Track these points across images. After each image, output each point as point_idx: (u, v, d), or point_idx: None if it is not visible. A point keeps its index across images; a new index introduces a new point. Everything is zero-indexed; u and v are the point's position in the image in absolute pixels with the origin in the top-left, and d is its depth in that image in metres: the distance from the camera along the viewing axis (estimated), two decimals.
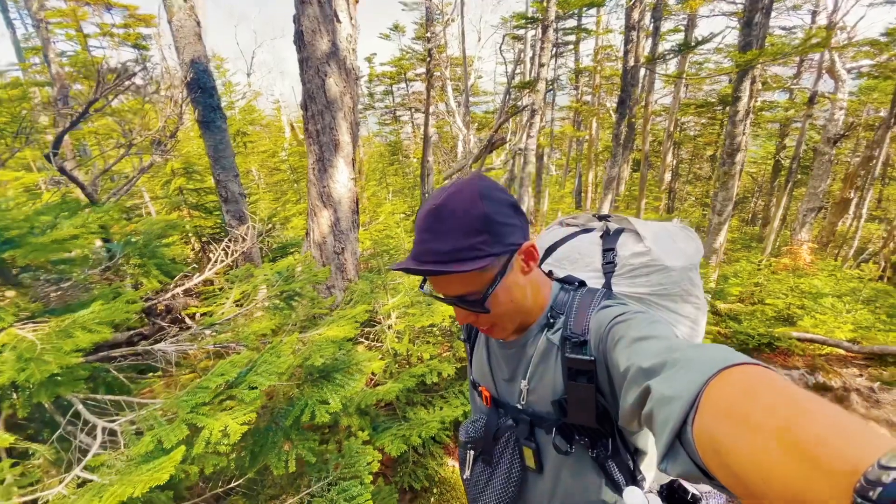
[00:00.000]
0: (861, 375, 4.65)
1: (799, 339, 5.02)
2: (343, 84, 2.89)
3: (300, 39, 2.82)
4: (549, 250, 1.05)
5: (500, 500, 0.87)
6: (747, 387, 0.40)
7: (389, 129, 18.43)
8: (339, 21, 2.79)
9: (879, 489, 0.25)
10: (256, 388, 1.50)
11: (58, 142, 1.87)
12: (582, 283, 0.86)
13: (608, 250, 0.96)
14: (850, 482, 0.27)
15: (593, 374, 0.70)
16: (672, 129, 13.24)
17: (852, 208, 10.62)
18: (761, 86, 10.87)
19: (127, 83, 1.81)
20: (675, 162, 17.22)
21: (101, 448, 1.35)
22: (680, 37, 11.99)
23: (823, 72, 9.27)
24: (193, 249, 5.09)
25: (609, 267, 0.95)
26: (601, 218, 1.07)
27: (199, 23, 3.06)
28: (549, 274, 0.91)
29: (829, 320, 5.39)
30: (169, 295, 2.78)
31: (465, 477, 0.96)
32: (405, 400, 2.67)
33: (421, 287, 0.82)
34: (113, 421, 1.44)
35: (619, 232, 1.00)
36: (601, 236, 1.01)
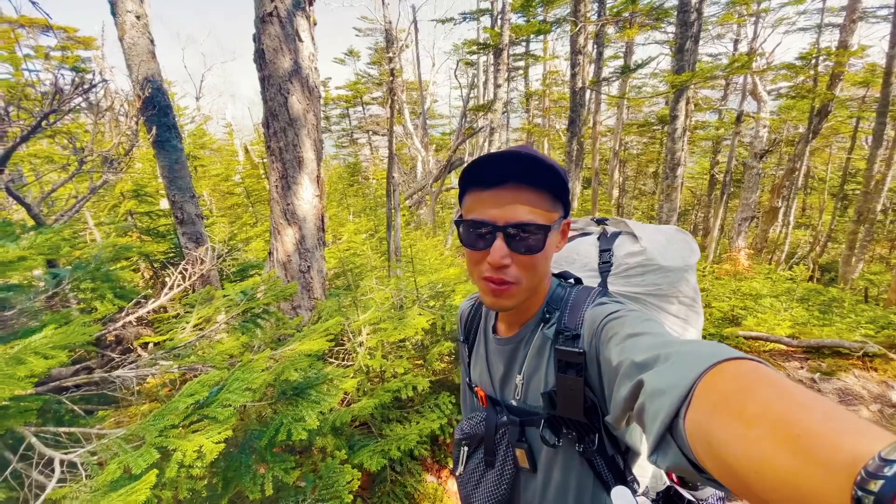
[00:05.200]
0: (802, 368, 5.01)
1: (745, 338, 5.36)
2: (306, 102, 2.90)
3: (261, 58, 2.81)
4: None
5: (492, 498, 0.87)
6: (742, 381, 0.40)
7: (346, 151, 18.40)
8: (301, 40, 2.82)
9: (881, 482, 0.24)
10: (230, 405, 1.44)
11: (4, 160, 1.75)
12: (578, 281, 0.86)
13: (605, 251, 0.99)
14: (849, 475, 0.27)
15: (583, 367, 0.70)
16: (617, 147, 14.07)
17: (780, 216, 11.62)
18: (694, 107, 11.82)
19: (84, 95, 1.73)
20: (621, 179, 18.22)
21: (59, 483, 1.24)
22: (620, 62, 12.88)
23: (747, 94, 10.23)
24: (143, 277, 4.81)
25: (605, 266, 0.97)
26: (599, 222, 1.11)
27: (152, 41, 2.99)
28: None
29: (769, 318, 5.81)
30: (120, 324, 2.62)
31: (457, 473, 0.95)
32: (380, 417, 2.61)
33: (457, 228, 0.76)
34: (71, 453, 1.33)
35: (616, 234, 1.03)
36: (598, 238, 1.04)
